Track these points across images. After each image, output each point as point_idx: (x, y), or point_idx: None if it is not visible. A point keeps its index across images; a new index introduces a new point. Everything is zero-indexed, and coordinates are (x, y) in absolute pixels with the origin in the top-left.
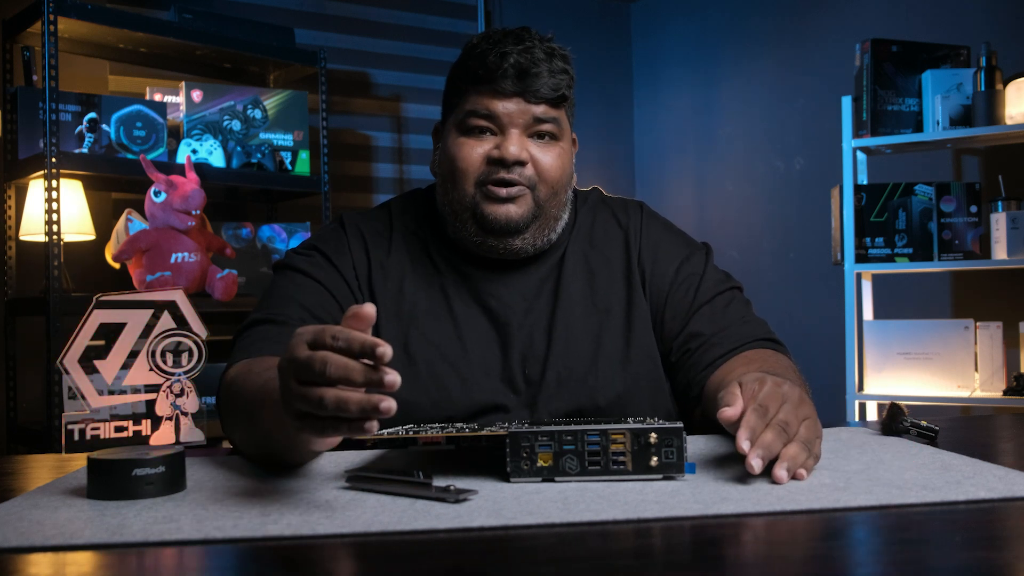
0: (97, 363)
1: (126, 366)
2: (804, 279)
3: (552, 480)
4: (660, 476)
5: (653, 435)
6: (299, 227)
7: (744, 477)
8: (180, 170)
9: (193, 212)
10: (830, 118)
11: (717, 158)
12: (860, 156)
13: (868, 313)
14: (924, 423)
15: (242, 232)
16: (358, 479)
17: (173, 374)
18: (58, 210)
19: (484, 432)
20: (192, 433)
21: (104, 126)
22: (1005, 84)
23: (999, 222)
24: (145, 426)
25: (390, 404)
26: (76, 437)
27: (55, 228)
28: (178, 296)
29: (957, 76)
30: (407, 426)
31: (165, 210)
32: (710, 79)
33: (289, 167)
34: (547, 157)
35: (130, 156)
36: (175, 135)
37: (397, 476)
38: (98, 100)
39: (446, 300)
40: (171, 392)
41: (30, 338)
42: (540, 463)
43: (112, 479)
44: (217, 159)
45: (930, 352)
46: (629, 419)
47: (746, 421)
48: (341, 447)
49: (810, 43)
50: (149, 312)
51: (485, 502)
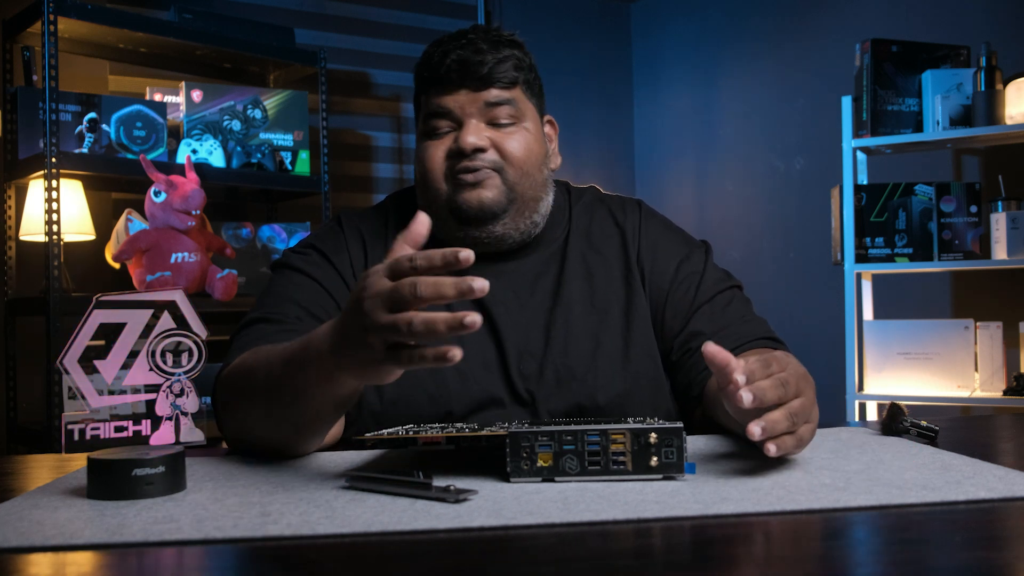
0: (97, 363)
1: (126, 366)
2: (804, 279)
3: (552, 480)
4: (660, 476)
5: (653, 435)
6: (299, 227)
7: (744, 477)
8: (180, 170)
9: (193, 212)
10: (830, 118)
11: (717, 158)
12: (860, 156)
13: (868, 313)
14: (924, 423)
15: (242, 232)
16: (358, 479)
17: (173, 374)
18: (58, 210)
19: (484, 432)
20: (192, 433)
21: (104, 126)
22: (1005, 84)
23: (999, 222)
24: (145, 426)
25: (475, 317)
26: (76, 437)
27: (55, 228)
28: (178, 296)
29: (957, 76)
30: (407, 426)
31: (165, 210)
32: (710, 79)
33: (289, 167)
34: (510, 140)
35: (130, 156)
36: (175, 135)
37: (397, 476)
38: (98, 100)
39: None
40: (171, 392)
41: (30, 338)
42: (540, 463)
43: (112, 479)
44: (217, 159)
45: (930, 352)
46: (629, 419)
47: (746, 366)
48: (341, 447)
49: (810, 43)
50: (149, 312)
51: (485, 502)
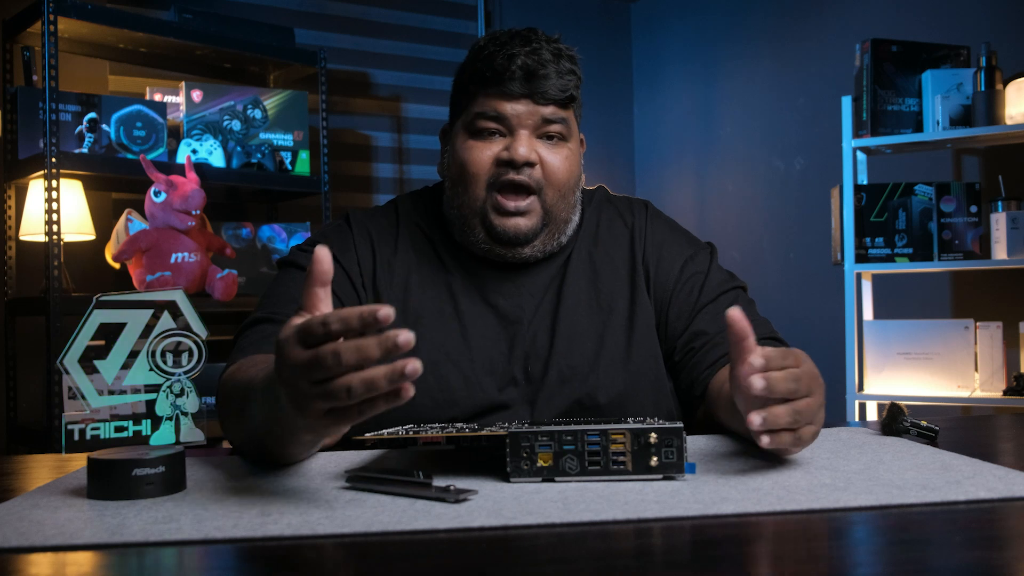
0: (97, 363)
1: (126, 366)
2: (804, 279)
3: (552, 480)
4: (660, 476)
5: (653, 435)
6: (299, 227)
7: (744, 477)
8: (180, 170)
9: (193, 212)
10: (830, 118)
11: (717, 158)
12: (860, 156)
13: (868, 313)
14: (924, 423)
15: (242, 232)
16: (358, 479)
17: (173, 374)
18: (58, 210)
19: (484, 432)
20: (192, 433)
21: (104, 126)
22: (1005, 84)
23: (999, 222)
24: (145, 426)
25: (416, 365)
26: (76, 437)
27: (55, 228)
28: (178, 296)
29: (957, 76)
30: (407, 426)
31: (165, 210)
32: (710, 79)
33: (289, 167)
34: (555, 158)
35: (130, 156)
36: (175, 135)
37: (397, 476)
38: (98, 100)
39: (452, 299)
40: (171, 392)
41: (30, 338)
42: (540, 463)
43: (112, 479)
44: (217, 159)
45: (930, 352)
46: (629, 419)
47: (765, 351)
48: (341, 447)
49: (810, 43)
50: (149, 312)
51: (485, 502)
